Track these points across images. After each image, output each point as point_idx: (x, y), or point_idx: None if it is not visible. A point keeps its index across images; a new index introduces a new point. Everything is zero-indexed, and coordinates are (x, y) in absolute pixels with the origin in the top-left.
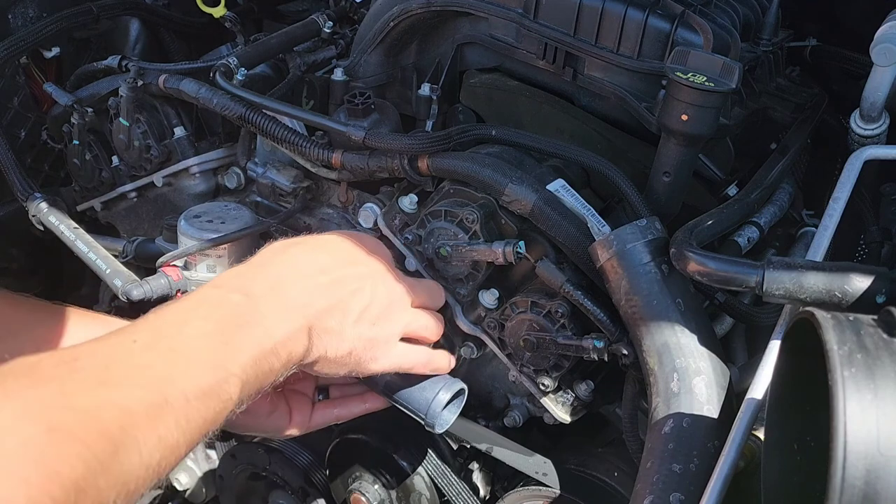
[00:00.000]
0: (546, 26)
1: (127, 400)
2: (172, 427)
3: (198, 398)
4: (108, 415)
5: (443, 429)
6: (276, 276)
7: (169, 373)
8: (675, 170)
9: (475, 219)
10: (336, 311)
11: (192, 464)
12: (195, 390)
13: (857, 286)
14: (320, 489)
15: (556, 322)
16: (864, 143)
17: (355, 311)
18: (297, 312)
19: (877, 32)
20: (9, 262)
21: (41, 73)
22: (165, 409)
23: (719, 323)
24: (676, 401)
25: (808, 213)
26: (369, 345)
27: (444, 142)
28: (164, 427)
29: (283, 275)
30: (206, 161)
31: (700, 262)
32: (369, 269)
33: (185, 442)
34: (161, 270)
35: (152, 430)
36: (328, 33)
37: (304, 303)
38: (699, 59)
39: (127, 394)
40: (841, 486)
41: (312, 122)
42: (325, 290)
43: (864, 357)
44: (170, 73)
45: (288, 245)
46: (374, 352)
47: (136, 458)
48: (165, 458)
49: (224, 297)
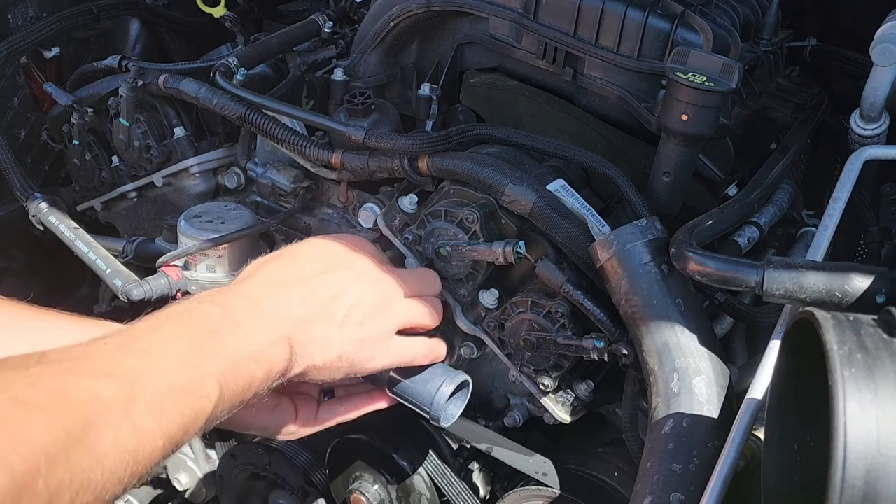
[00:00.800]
0: (546, 26)
1: (96, 386)
2: (146, 415)
3: (172, 392)
4: (75, 395)
5: (448, 422)
6: (252, 291)
7: (140, 368)
8: (675, 170)
9: (475, 219)
10: (318, 319)
11: (192, 464)
12: (168, 384)
13: (857, 286)
14: (320, 489)
15: (556, 322)
16: (864, 143)
17: (339, 315)
18: (275, 324)
19: (877, 32)
20: (9, 262)
21: (41, 73)
22: (137, 399)
23: (719, 323)
24: (676, 401)
25: (808, 213)
26: (361, 346)
27: (444, 142)
28: (137, 413)
29: (259, 290)
30: (206, 161)
31: (700, 262)
32: (352, 270)
33: (161, 434)
34: (161, 270)
35: (124, 415)
36: (328, 33)
37: (282, 314)
38: (699, 59)
39: (97, 381)
40: (841, 486)
41: (312, 122)
42: (302, 301)
43: (864, 357)
44: (170, 73)
45: (264, 261)
46: (369, 351)
47: (110, 438)
48: (142, 445)
49: (198, 308)
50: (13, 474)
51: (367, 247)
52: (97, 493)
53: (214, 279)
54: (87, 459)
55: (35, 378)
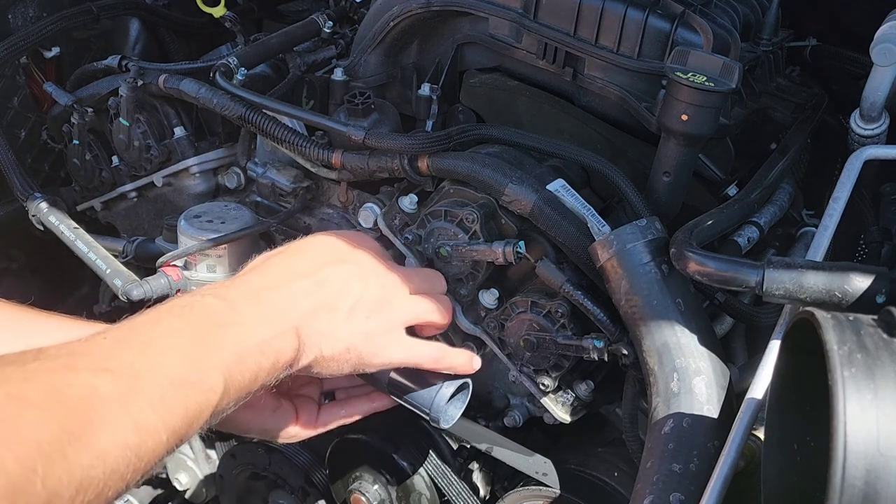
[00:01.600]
0: (546, 26)
1: (94, 381)
2: (147, 409)
3: (174, 385)
4: (72, 391)
5: (448, 424)
6: (256, 284)
7: (140, 361)
8: (675, 170)
9: (475, 219)
10: (323, 312)
11: (192, 464)
12: (169, 378)
13: (857, 286)
14: (320, 489)
15: (556, 322)
16: (864, 143)
17: (344, 307)
18: (280, 316)
19: (877, 32)
20: (9, 262)
21: (41, 73)
22: (137, 393)
23: (719, 323)
24: (676, 401)
25: (808, 213)
26: (367, 338)
27: (444, 142)
28: (137, 409)
29: (263, 283)
30: (206, 161)
31: (700, 262)
32: (356, 264)
33: (164, 428)
34: (161, 270)
35: (123, 410)
36: (328, 33)
37: (287, 307)
38: (699, 58)
39: (95, 376)
40: (841, 486)
41: (312, 122)
42: (308, 293)
43: (864, 357)
44: (170, 73)
45: (268, 256)
46: (375, 345)
47: (109, 436)
48: (144, 441)
49: (200, 301)
50: (8, 474)
51: (371, 243)
52: (99, 491)
53: (214, 279)
54: (87, 457)
55: (32, 374)
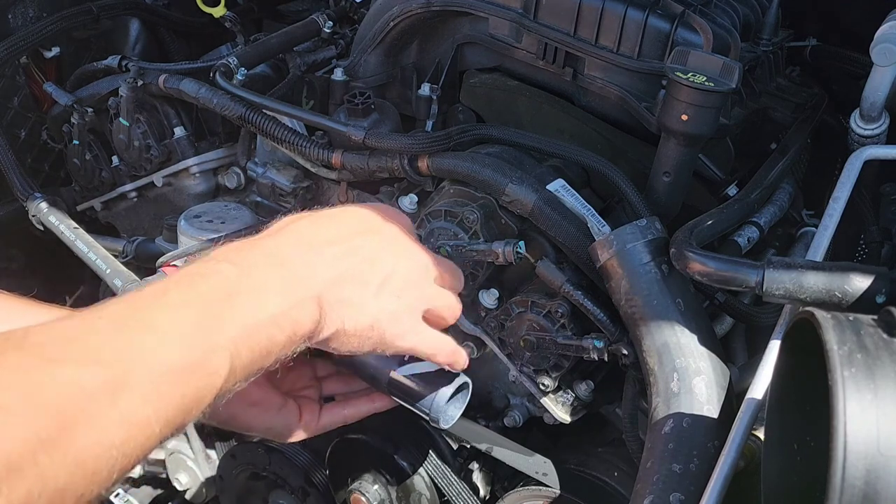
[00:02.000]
0: (546, 26)
1: (79, 376)
2: (138, 403)
3: (171, 371)
4: (53, 392)
5: (448, 424)
6: (276, 248)
7: (137, 347)
8: (675, 170)
9: (475, 219)
10: (350, 281)
11: (192, 464)
12: (167, 363)
13: (857, 286)
14: (320, 489)
15: (556, 322)
16: (864, 143)
17: (375, 281)
18: (301, 284)
19: (877, 32)
20: (9, 262)
21: (41, 73)
22: (128, 385)
23: (719, 323)
24: (676, 401)
25: (808, 213)
26: (394, 318)
27: (444, 142)
28: (127, 403)
29: (285, 247)
30: (206, 161)
31: (700, 262)
32: (387, 237)
33: (158, 420)
34: (161, 270)
35: (111, 407)
36: (328, 33)
37: (310, 274)
38: (699, 58)
39: (81, 370)
40: (841, 486)
41: (312, 122)
42: (335, 261)
43: (864, 357)
44: (170, 73)
45: (294, 219)
46: (401, 326)
47: (93, 436)
48: (133, 437)
49: (213, 268)
50: None
51: (403, 218)
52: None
53: None
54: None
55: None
